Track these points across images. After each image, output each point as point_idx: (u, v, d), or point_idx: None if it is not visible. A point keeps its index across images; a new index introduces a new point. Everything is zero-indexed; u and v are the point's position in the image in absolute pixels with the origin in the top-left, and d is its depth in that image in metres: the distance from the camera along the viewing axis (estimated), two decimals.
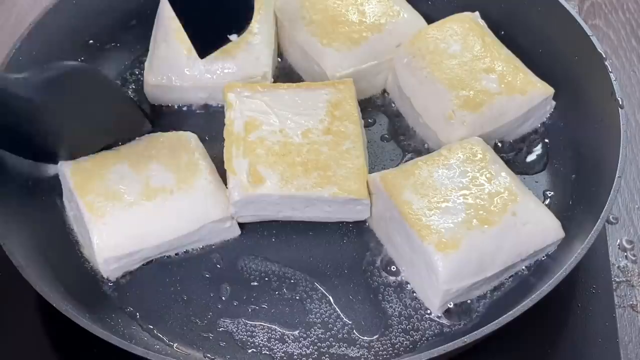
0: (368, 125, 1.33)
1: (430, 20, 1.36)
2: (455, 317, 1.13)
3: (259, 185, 1.17)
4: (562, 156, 1.29)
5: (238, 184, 1.17)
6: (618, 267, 1.25)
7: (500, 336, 1.08)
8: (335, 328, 1.13)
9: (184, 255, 1.20)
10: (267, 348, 1.12)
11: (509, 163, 1.24)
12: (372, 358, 1.10)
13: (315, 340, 1.12)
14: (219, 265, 1.19)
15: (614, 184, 1.12)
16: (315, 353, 1.11)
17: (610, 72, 1.23)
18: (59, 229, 1.22)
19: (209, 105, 1.35)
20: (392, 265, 1.18)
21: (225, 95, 1.25)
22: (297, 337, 1.13)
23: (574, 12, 1.31)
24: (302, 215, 1.20)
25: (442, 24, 1.33)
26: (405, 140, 1.32)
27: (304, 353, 1.11)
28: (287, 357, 1.11)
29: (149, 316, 1.15)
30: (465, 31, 1.31)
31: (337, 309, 1.15)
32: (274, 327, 1.13)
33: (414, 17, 1.36)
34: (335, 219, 1.21)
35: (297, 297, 1.16)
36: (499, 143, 1.29)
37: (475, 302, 1.14)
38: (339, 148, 1.20)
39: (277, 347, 1.12)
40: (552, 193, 1.26)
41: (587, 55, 1.27)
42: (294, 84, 1.28)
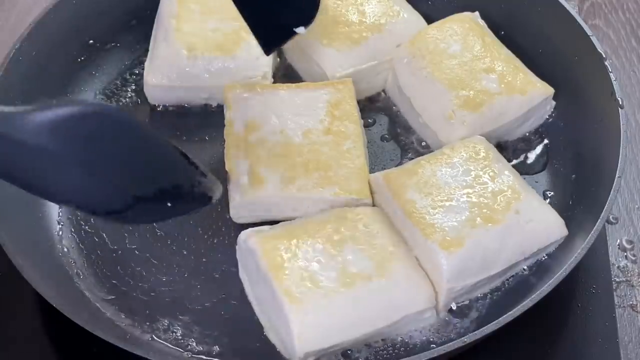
0: (368, 125, 1.33)
1: (430, 20, 1.36)
2: (455, 317, 1.13)
3: (259, 186, 1.16)
4: (562, 156, 1.29)
5: (239, 187, 1.17)
6: (618, 267, 1.25)
7: (500, 336, 1.08)
8: None
9: None
10: None
11: (509, 163, 1.24)
12: (372, 358, 1.09)
13: None
14: None
15: (614, 184, 1.12)
16: None
17: (610, 72, 1.23)
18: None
19: (209, 105, 1.35)
20: None
21: (225, 96, 1.25)
22: None
23: (574, 12, 1.31)
24: (303, 215, 1.20)
25: (442, 24, 1.33)
26: (405, 140, 1.32)
27: None
28: None
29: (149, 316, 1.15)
30: (465, 31, 1.31)
31: None
32: None
33: (414, 17, 1.36)
34: None
35: None
36: (498, 143, 1.29)
37: (475, 302, 1.14)
38: (340, 148, 1.19)
39: None
40: (552, 193, 1.26)
41: (587, 55, 1.27)
42: (293, 84, 1.28)
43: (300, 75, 1.39)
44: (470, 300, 1.14)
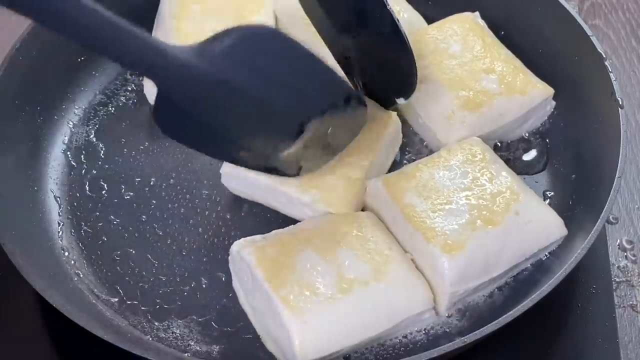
0: None
1: (430, 20, 1.36)
2: (455, 317, 1.13)
3: None
4: (562, 156, 1.29)
5: None
6: (618, 267, 1.25)
7: (500, 336, 1.07)
8: None
9: None
10: None
11: (509, 163, 1.24)
12: (372, 358, 1.09)
13: None
14: None
15: (614, 184, 1.12)
16: None
17: (610, 72, 1.23)
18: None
19: None
20: None
21: None
22: None
23: (574, 12, 1.31)
24: (286, 211, 1.19)
25: (442, 24, 1.33)
26: (405, 140, 1.31)
27: None
28: None
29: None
30: (465, 31, 1.31)
31: None
32: None
33: (414, 17, 1.36)
34: None
35: None
36: (498, 143, 1.29)
37: (476, 302, 1.14)
38: (345, 160, 1.16)
39: None
40: (552, 193, 1.26)
41: (587, 55, 1.27)
42: None
43: None
44: (471, 300, 1.14)
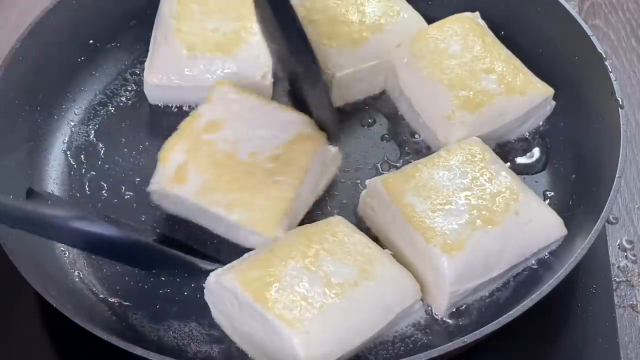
0: (368, 125, 1.33)
1: (430, 20, 1.36)
2: (455, 317, 1.13)
3: (178, 184, 1.16)
4: (562, 156, 1.29)
5: (162, 175, 1.17)
6: (618, 267, 1.25)
7: (500, 336, 1.08)
8: None
9: None
10: None
11: (509, 163, 1.24)
12: (372, 358, 1.09)
13: None
14: None
15: (614, 184, 1.12)
16: None
17: (610, 72, 1.23)
18: None
19: None
20: None
21: (212, 90, 1.24)
22: None
23: (574, 12, 1.32)
24: (217, 230, 1.18)
25: (442, 24, 1.33)
26: (405, 140, 1.32)
27: None
28: None
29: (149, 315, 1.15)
30: (465, 31, 1.31)
31: None
32: None
33: (414, 17, 1.36)
34: (251, 245, 1.16)
35: None
36: (498, 143, 1.29)
37: (476, 302, 1.14)
38: (274, 178, 1.15)
39: None
40: (552, 193, 1.26)
41: (587, 55, 1.27)
42: (284, 105, 1.24)
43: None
44: (471, 300, 1.14)
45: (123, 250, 1.10)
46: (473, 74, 1.26)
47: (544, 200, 1.23)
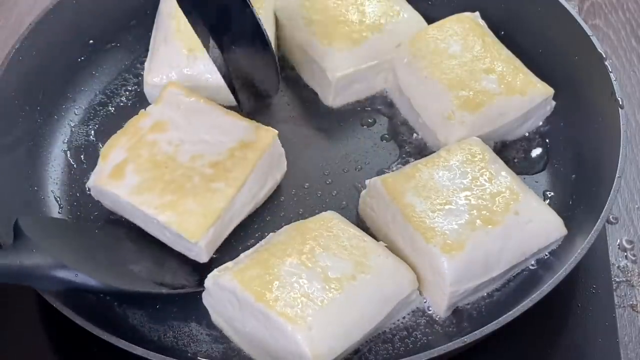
0: (368, 125, 1.33)
1: (430, 20, 1.36)
2: (455, 317, 1.13)
3: (114, 182, 1.16)
4: (562, 156, 1.29)
5: (100, 172, 1.17)
6: (618, 267, 1.25)
7: (500, 336, 1.08)
8: None
9: None
10: None
11: (509, 163, 1.24)
12: (372, 358, 1.09)
13: None
14: None
15: (614, 184, 1.12)
16: None
17: (610, 72, 1.23)
18: None
19: None
20: None
21: (164, 90, 1.24)
22: None
23: (574, 12, 1.32)
24: (151, 231, 1.18)
25: (442, 24, 1.33)
26: (405, 140, 1.32)
27: None
28: None
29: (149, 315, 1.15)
30: (465, 31, 1.31)
31: None
32: None
33: (414, 17, 1.36)
34: (180, 250, 1.17)
35: None
36: (498, 143, 1.29)
37: (476, 302, 1.14)
38: (212, 185, 1.14)
39: None
40: (552, 193, 1.26)
41: (587, 55, 1.27)
42: (229, 110, 1.23)
43: (301, 76, 1.39)
44: (471, 300, 1.14)
45: (104, 293, 1.11)
46: (473, 74, 1.26)
47: (544, 200, 1.23)
